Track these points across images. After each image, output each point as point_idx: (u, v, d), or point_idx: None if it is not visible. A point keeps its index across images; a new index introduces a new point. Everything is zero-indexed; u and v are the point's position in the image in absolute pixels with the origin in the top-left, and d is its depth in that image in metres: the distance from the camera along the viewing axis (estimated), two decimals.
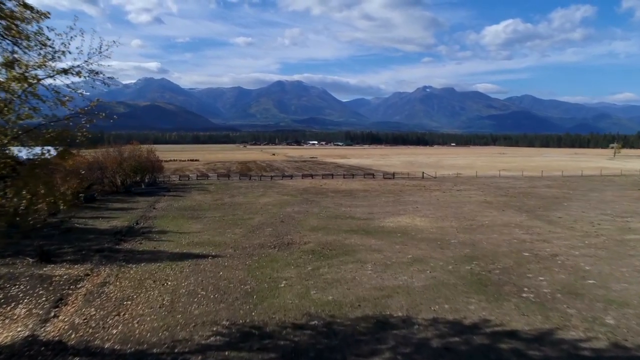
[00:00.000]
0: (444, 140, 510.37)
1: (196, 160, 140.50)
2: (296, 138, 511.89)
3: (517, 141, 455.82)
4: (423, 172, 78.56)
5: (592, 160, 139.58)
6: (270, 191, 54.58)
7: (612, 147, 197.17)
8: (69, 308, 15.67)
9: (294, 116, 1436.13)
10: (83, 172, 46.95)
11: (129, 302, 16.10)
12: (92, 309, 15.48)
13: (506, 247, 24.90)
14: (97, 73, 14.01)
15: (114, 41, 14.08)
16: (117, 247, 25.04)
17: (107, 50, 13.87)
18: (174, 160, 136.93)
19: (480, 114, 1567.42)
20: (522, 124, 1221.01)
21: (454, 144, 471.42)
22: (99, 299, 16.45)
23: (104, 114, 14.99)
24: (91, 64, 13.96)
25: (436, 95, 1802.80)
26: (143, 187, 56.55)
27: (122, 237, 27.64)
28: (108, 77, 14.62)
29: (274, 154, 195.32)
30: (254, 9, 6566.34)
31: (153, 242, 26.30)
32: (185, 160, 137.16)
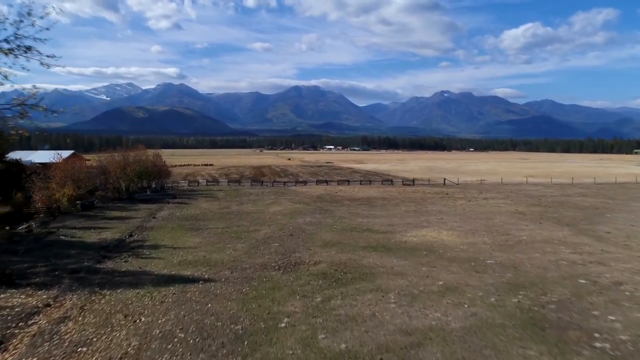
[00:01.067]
0: (462, 145, 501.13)
1: (210, 164, 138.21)
2: (313, 143, 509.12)
3: (537, 146, 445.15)
4: (445, 179, 74.26)
5: (621, 167, 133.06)
6: (282, 198, 51.03)
7: (638, 153, 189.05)
8: (6, 357, 12.20)
9: (310, 121, 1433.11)
10: (82, 177, 44.18)
11: (85, 349, 12.55)
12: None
13: (555, 271, 20.80)
14: (29, 48, 10.28)
15: (53, 7, 10.45)
16: (97, 266, 21.64)
17: (42, 18, 10.09)
18: (187, 164, 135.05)
19: (499, 119, 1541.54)
20: (542, 129, 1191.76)
21: (472, 149, 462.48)
22: (48, 343, 12.95)
23: (44, 107, 11.38)
24: (23, 37, 10.18)
25: (454, 100, 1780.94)
26: (148, 193, 53.56)
27: (107, 253, 24.27)
28: (47, 56, 10.91)
29: (289, 159, 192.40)
30: (271, 15, 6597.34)
31: (140, 259, 22.84)
32: (199, 165, 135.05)
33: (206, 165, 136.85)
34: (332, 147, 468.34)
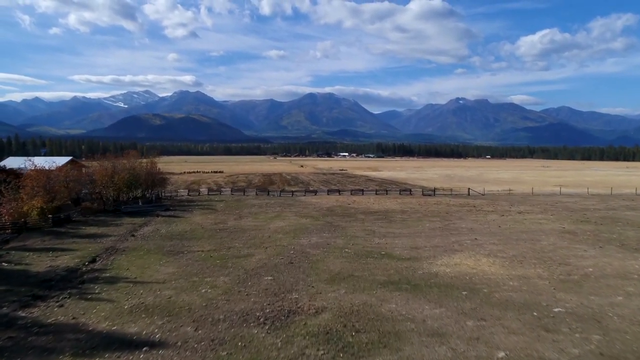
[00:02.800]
0: (478, 152, 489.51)
1: (220, 172, 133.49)
2: (327, 150, 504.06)
3: (556, 154, 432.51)
4: (469, 189, 67.56)
5: None
6: (287, 211, 45.12)
7: None
8: None
9: (325, 128, 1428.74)
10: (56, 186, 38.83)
11: None
12: None
13: None
14: None
15: None
16: (17, 313, 15.87)
17: None
18: (197, 171, 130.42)
19: (516, 126, 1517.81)
20: (559, 136, 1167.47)
21: (489, 157, 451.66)
22: None
23: None
24: None
25: (469, 107, 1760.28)
26: (140, 204, 48.05)
27: (45, 290, 18.50)
28: None
29: (302, 166, 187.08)
30: (287, 23, 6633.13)
31: (82, 302, 17.02)
32: (208, 172, 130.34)
33: (216, 172, 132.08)
34: (347, 154, 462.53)
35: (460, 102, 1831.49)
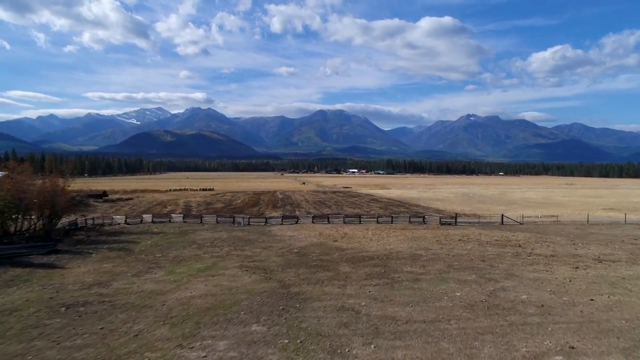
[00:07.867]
0: (491, 169, 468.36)
1: (210, 189, 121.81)
2: (336, 166, 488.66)
3: (571, 170, 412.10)
4: (502, 215, 50.62)
5: None
6: (233, 256, 29.11)
7: None
8: None
9: (335, 145, 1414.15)
10: None
11: None
12: None
13: None
14: None
15: None
16: None
17: None
18: (184, 189, 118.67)
19: (527, 143, 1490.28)
20: (572, 153, 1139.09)
21: (502, 173, 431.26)
22: None
23: None
24: None
25: (480, 123, 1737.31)
26: (24, 241, 32.29)
27: None
28: None
29: (303, 183, 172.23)
30: (297, 40, 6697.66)
31: None
32: (196, 190, 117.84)
33: (205, 189, 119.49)
34: (356, 170, 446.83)
35: (471, 118, 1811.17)
